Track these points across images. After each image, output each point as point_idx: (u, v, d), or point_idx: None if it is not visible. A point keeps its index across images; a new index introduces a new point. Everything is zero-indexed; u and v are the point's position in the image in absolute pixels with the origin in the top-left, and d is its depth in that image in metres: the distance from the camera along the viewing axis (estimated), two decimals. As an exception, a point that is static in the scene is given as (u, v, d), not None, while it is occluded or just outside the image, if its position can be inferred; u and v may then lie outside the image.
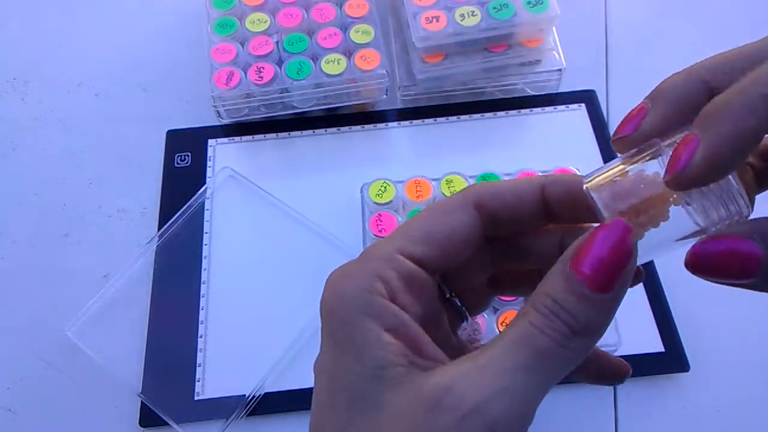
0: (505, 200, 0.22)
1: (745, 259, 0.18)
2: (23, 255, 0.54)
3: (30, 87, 0.64)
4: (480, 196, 0.23)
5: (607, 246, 0.18)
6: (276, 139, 0.59)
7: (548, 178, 0.23)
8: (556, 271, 0.19)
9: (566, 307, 0.19)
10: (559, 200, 0.22)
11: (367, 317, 0.20)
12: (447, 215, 0.22)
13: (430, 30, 0.54)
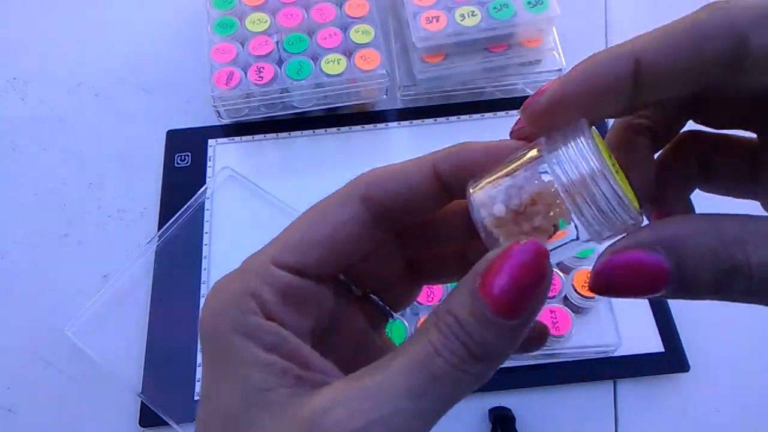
0: (393, 189, 0.20)
1: (652, 274, 0.16)
2: (23, 255, 0.54)
3: (30, 87, 0.64)
4: (366, 188, 0.20)
5: (521, 268, 0.16)
6: (276, 139, 0.59)
7: (438, 154, 0.20)
8: (463, 286, 0.17)
9: (468, 329, 0.17)
10: (453, 175, 0.20)
11: (242, 338, 0.18)
12: (328, 214, 0.20)
13: (430, 30, 0.54)
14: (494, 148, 0.20)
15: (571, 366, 0.46)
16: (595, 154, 0.17)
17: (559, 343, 0.45)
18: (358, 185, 0.21)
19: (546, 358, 0.46)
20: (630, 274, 0.17)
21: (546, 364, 0.46)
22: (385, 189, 0.20)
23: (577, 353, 0.46)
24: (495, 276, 0.16)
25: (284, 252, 0.20)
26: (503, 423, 0.44)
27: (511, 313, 0.16)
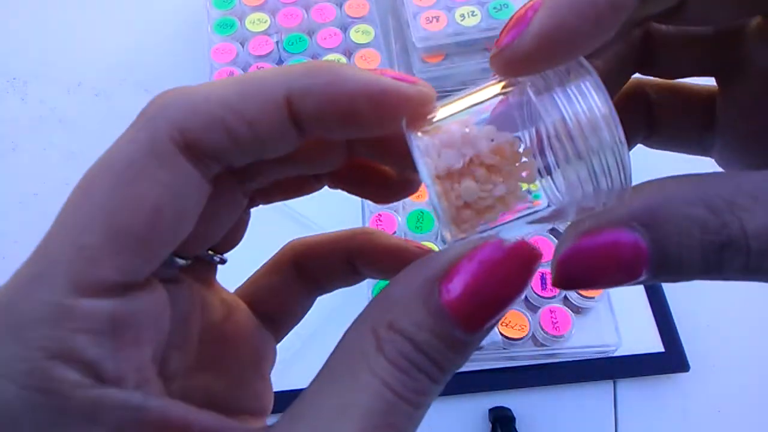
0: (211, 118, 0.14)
1: (630, 258, 0.13)
2: (24, 255, 0.54)
3: (30, 87, 0.64)
4: (175, 121, 0.14)
5: (500, 275, 0.13)
6: (276, 139, 0.59)
7: (292, 77, 0.14)
8: (413, 298, 0.13)
9: (432, 355, 0.13)
10: (315, 114, 0.14)
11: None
12: (133, 179, 0.13)
13: (430, 30, 0.54)
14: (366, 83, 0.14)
15: (571, 366, 0.46)
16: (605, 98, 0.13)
17: (559, 343, 0.45)
18: (157, 120, 0.14)
19: (546, 358, 0.46)
20: (604, 260, 0.13)
21: (546, 364, 0.46)
22: (199, 119, 0.14)
23: (577, 353, 0.46)
24: (467, 286, 0.13)
25: (92, 266, 0.12)
26: (503, 423, 0.44)
27: (486, 326, 0.13)
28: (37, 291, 0.12)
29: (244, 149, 0.13)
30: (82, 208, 0.13)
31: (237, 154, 0.13)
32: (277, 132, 0.13)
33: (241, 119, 0.13)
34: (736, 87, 0.17)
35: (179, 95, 0.14)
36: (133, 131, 0.14)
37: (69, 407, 0.12)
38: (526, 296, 0.47)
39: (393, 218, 0.49)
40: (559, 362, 0.46)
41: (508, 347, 0.46)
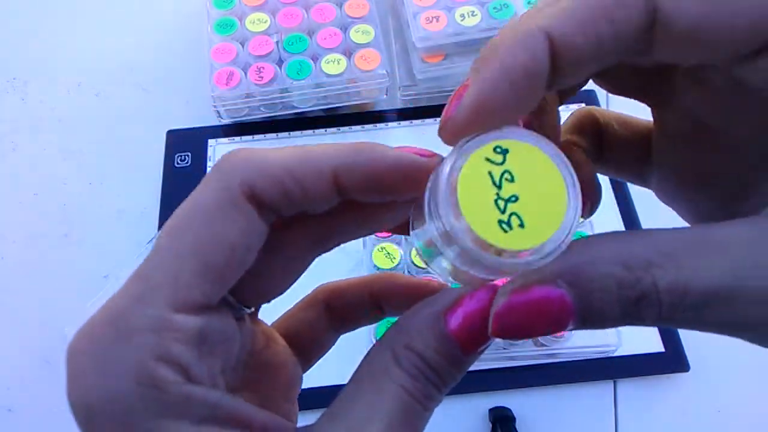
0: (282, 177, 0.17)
1: (557, 312, 0.15)
2: (23, 255, 0.54)
3: (30, 87, 0.64)
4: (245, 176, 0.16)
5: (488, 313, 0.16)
6: (276, 139, 0.59)
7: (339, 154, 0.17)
8: (426, 325, 0.17)
9: (438, 370, 0.17)
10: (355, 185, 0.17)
11: (165, 421, 0.15)
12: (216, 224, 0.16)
13: (430, 30, 0.54)
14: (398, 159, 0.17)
15: (571, 366, 0.46)
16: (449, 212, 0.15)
17: (559, 343, 0.45)
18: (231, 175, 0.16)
19: (546, 358, 0.46)
20: (534, 314, 0.15)
21: (546, 364, 0.46)
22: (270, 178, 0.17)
23: (577, 353, 0.46)
24: (465, 319, 0.17)
25: (185, 289, 0.16)
26: (503, 423, 0.44)
27: (479, 349, 0.17)
28: (143, 307, 0.15)
29: (294, 205, 0.17)
30: (176, 244, 0.16)
31: (289, 208, 0.17)
32: (322, 196, 0.17)
33: (297, 184, 0.17)
34: (668, 121, 0.19)
35: (249, 157, 0.17)
36: (212, 183, 0.17)
37: (167, 400, 0.15)
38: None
39: (393, 218, 0.49)
40: (559, 362, 0.46)
41: (508, 347, 0.46)
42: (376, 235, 0.49)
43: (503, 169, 0.16)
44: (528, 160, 0.16)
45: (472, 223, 0.15)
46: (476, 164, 0.16)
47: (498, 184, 0.15)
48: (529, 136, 0.16)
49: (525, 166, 0.16)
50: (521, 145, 0.16)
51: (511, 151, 0.16)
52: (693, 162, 0.19)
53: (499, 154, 0.16)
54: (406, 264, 0.48)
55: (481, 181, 0.15)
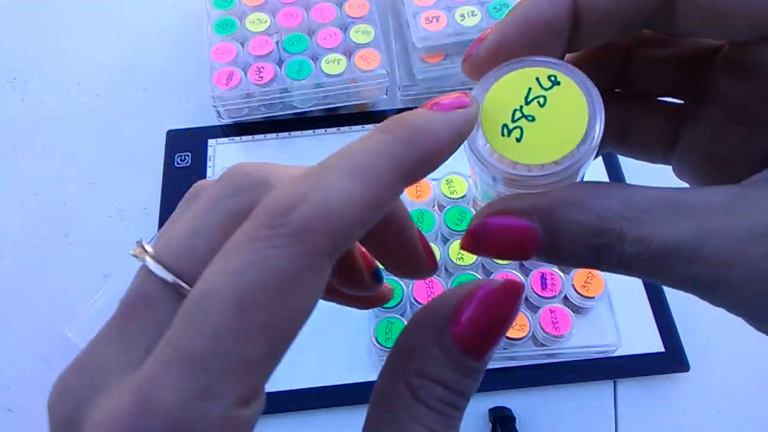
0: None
1: (522, 242, 0.16)
2: (23, 255, 0.54)
3: (30, 87, 0.64)
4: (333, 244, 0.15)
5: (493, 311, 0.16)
6: (276, 139, 0.59)
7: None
8: (428, 343, 0.16)
9: (460, 390, 0.16)
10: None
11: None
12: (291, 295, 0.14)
13: (430, 30, 0.54)
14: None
15: (571, 366, 0.46)
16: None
17: (559, 343, 0.45)
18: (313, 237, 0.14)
19: (546, 358, 0.46)
20: (501, 238, 0.16)
21: (546, 364, 0.46)
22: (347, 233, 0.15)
23: (577, 353, 0.46)
24: (470, 324, 0.16)
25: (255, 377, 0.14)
26: (503, 423, 0.44)
27: (490, 352, 0.16)
28: (208, 407, 0.13)
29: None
30: (244, 324, 0.13)
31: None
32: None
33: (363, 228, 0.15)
34: (701, 112, 0.19)
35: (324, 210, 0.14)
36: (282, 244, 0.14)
37: None
38: (527, 296, 0.47)
39: (393, 218, 0.49)
40: (559, 362, 0.46)
41: (508, 347, 0.46)
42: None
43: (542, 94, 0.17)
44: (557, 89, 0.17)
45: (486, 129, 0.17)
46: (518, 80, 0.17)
47: (527, 101, 0.17)
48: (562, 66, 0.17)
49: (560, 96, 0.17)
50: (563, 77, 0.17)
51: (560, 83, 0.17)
52: (722, 147, 0.19)
53: (548, 81, 0.17)
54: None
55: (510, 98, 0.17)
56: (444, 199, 0.51)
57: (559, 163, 0.16)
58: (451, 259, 0.47)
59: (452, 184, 0.51)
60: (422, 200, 0.51)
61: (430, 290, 0.46)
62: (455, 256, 0.47)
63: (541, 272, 0.47)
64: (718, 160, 0.19)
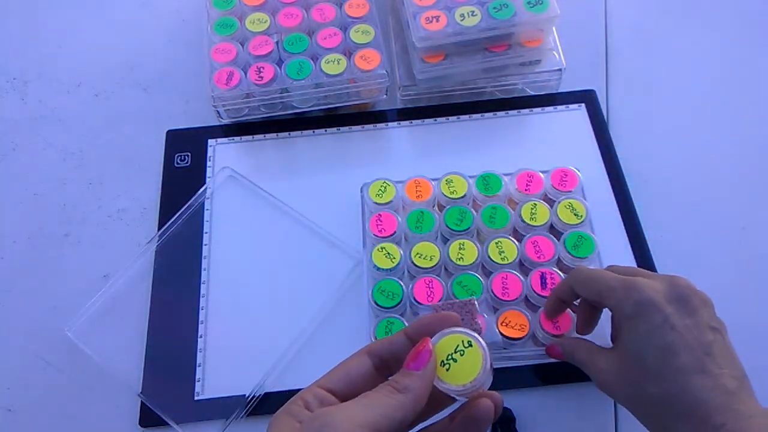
0: (384, 347, 0.33)
1: (558, 353, 0.44)
2: (23, 255, 0.54)
3: (30, 87, 0.64)
4: (370, 348, 0.33)
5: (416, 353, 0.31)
6: (276, 139, 0.59)
7: (408, 327, 0.34)
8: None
9: (394, 378, 0.31)
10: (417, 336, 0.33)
11: (287, 415, 0.29)
12: (348, 361, 0.33)
13: (430, 30, 0.54)
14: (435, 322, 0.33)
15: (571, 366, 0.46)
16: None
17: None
18: (365, 347, 0.33)
19: (546, 358, 0.46)
20: (551, 351, 0.44)
21: (546, 364, 0.46)
22: (379, 347, 0.33)
23: (577, 353, 0.46)
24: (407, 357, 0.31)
25: (325, 381, 0.31)
26: (503, 423, 0.44)
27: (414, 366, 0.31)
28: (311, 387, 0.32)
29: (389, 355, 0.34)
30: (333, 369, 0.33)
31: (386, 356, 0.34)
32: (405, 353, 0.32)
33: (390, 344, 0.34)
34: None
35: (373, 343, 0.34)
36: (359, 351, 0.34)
37: (294, 411, 0.30)
38: (526, 296, 0.47)
39: (393, 218, 0.49)
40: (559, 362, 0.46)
41: (508, 347, 0.46)
42: (376, 235, 0.49)
43: (463, 349, 0.32)
44: (469, 349, 0.32)
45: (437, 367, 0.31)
46: (449, 343, 0.32)
47: (455, 350, 0.32)
48: (472, 334, 0.32)
49: (468, 352, 0.32)
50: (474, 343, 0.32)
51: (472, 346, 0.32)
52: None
53: (467, 344, 0.32)
54: (406, 264, 0.48)
55: (445, 350, 0.32)
56: (444, 199, 0.51)
57: (467, 386, 0.31)
58: (451, 259, 0.47)
59: (452, 184, 0.51)
60: (422, 200, 0.51)
61: (430, 291, 0.46)
62: (455, 256, 0.47)
63: (540, 272, 0.47)
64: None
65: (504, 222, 0.49)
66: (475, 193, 0.51)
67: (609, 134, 0.57)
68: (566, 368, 0.44)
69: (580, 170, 0.52)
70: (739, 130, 0.58)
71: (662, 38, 0.64)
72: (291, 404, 0.30)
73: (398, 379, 0.30)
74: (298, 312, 0.49)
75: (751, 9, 0.65)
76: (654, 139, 0.57)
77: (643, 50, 0.63)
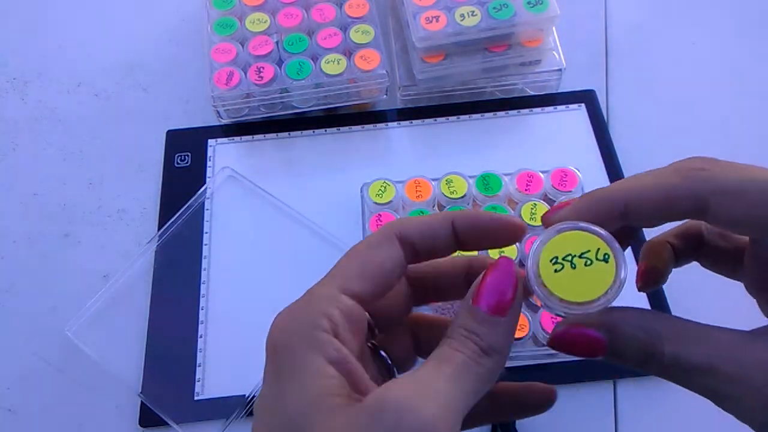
0: (422, 232, 0.25)
1: (593, 345, 0.23)
2: (23, 255, 0.54)
3: (30, 87, 0.64)
4: (401, 229, 0.25)
5: (498, 283, 0.23)
6: (276, 139, 0.59)
7: (457, 213, 0.26)
8: (463, 308, 0.23)
9: (474, 331, 0.22)
10: (465, 232, 0.26)
11: (311, 350, 0.21)
12: (375, 249, 0.24)
13: (430, 30, 0.54)
14: (499, 220, 0.26)
15: (571, 366, 0.46)
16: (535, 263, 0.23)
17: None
18: (394, 228, 0.25)
19: (546, 358, 0.46)
20: (578, 342, 0.24)
21: (546, 364, 0.46)
22: (417, 231, 0.25)
23: (577, 353, 0.46)
24: (481, 291, 0.23)
25: (349, 281, 0.24)
26: (503, 423, 0.44)
27: (501, 312, 0.23)
28: (324, 287, 0.23)
29: (429, 244, 0.25)
30: (351, 258, 0.24)
31: (424, 245, 0.26)
32: (445, 235, 0.25)
33: (430, 229, 0.25)
34: (759, 252, 0.25)
35: (404, 221, 0.25)
36: (380, 229, 0.25)
37: (318, 338, 0.22)
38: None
39: (393, 218, 0.49)
40: (559, 362, 0.46)
41: (508, 347, 0.46)
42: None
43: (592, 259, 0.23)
44: (593, 248, 0.23)
45: (544, 276, 0.23)
46: (584, 240, 0.23)
47: (580, 255, 0.23)
48: (600, 231, 0.23)
49: (592, 253, 0.23)
50: (594, 238, 0.23)
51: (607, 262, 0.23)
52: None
53: (601, 255, 0.23)
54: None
55: (572, 245, 0.23)
56: (444, 199, 0.51)
57: (584, 306, 0.23)
58: (451, 259, 0.47)
59: (452, 184, 0.51)
60: (422, 200, 0.51)
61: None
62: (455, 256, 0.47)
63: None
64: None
65: (504, 222, 0.49)
66: (475, 193, 0.51)
67: (609, 134, 0.57)
68: (566, 368, 0.44)
69: (580, 170, 0.52)
70: (739, 130, 0.58)
71: (662, 38, 0.64)
72: (313, 328, 0.22)
73: (477, 329, 0.22)
74: (298, 312, 0.49)
75: (750, 9, 0.65)
76: (654, 139, 0.58)
77: (643, 50, 0.63)
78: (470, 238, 0.26)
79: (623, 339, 0.23)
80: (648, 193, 0.23)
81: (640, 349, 0.23)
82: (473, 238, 0.26)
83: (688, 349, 0.22)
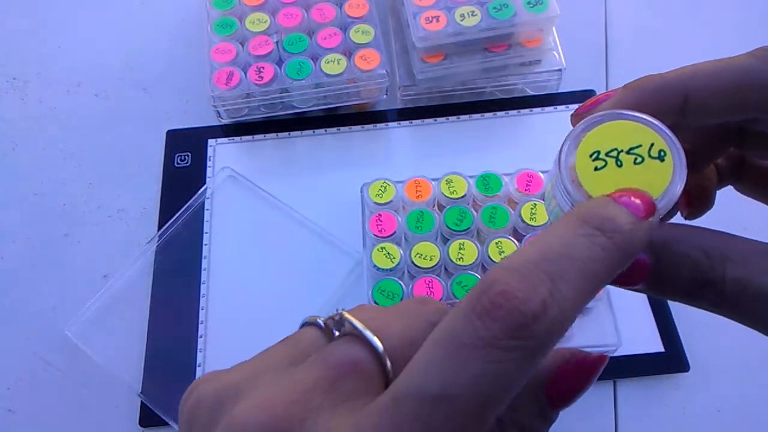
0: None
1: (634, 269, 0.18)
2: (23, 255, 0.54)
3: (30, 87, 0.64)
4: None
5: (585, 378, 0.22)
6: (276, 139, 0.59)
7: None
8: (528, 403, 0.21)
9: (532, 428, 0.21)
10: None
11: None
12: None
13: (430, 30, 0.54)
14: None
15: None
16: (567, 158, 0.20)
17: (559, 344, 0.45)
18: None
19: (546, 358, 0.46)
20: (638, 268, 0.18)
21: (546, 364, 0.46)
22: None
23: (577, 353, 0.46)
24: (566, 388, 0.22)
25: None
26: (503, 423, 0.44)
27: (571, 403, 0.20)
28: None
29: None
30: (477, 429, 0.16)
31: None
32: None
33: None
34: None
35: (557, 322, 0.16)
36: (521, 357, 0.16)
37: None
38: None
39: (393, 218, 0.49)
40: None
41: (508, 347, 0.46)
42: (376, 235, 0.49)
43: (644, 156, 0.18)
44: (646, 143, 0.18)
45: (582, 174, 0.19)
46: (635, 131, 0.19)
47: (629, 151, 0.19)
48: (654, 122, 0.19)
49: (644, 149, 0.18)
50: (647, 131, 0.19)
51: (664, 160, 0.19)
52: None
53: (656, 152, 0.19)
54: (406, 264, 0.48)
55: (619, 138, 0.19)
56: (444, 199, 0.51)
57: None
58: (451, 259, 0.47)
59: (452, 184, 0.51)
60: (422, 200, 0.51)
61: (430, 291, 0.46)
62: (455, 257, 0.47)
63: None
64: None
65: (504, 222, 0.49)
66: (475, 193, 0.51)
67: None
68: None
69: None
70: (739, 130, 0.58)
71: (662, 38, 0.64)
72: None
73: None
74: (298, 312, 0.48)
75: (751, 9, 0.65)
76: (654, 139, 0.58)
77: (643, 50, 0.63)
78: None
79: (673, 261, 0.18)
80: (717, 80, 0.19)
81: (694, 276, 0.18)
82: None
83: (759, 274, 0.17)
